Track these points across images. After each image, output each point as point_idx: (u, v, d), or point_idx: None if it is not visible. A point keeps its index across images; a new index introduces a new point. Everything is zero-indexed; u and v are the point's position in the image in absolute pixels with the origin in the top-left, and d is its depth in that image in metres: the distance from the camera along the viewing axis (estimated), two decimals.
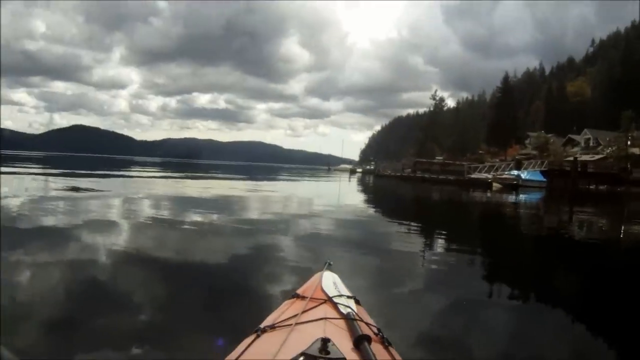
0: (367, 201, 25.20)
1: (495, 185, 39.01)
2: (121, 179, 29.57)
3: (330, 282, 2.68)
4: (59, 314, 4.52)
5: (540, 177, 42.49)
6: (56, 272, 6.06)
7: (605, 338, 4.71)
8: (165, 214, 12.90)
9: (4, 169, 33.39)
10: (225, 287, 5.81)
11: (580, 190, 40.90)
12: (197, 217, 12.31)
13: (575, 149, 58.45)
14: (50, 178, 27.48)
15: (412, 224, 13.79)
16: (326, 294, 2.45)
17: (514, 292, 6.36)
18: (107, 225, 10.04)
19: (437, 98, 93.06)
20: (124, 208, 13.74)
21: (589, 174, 45.74)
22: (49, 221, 10.23)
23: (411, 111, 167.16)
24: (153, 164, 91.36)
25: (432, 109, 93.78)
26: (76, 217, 11.04)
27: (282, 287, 5.50)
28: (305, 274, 3.54)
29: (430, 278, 6.86)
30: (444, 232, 12.41)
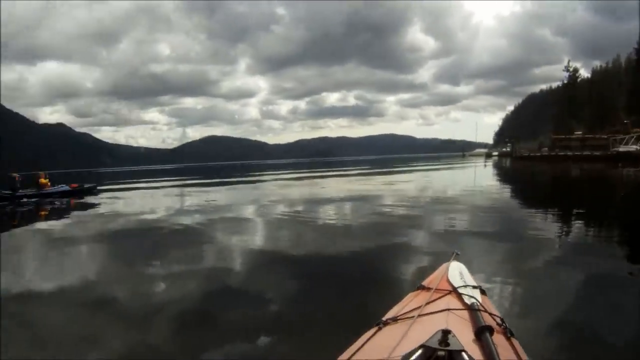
0: (503, 187, 23.79)
1: None
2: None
3: (457, 272, 2.68)
4: (194, 308, 5.03)
5: None
6: (195, 274, 6.59)
7: None
8: (297, 210, 13.50)
9: (139, 184, 36.99)
10: (354, 279, 5.94)
11: None
12: (329, 211, 12.80)
13: None
14: (186, 188, 29.73)
15: (551, 209, 12.98)
16: (451, 285, 2.48)
17: None
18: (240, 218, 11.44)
19: (571, 69, 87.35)
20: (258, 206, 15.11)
21: None
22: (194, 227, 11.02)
23: (544, 87, 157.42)
24: (285, 166, 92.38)
25: (566, 81, 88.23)
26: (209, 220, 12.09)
27: (409, 278, 5.55)
28: (433, 265, 3.60)
29: (564, 267, 6.45)
30: (587, 218, 11.41)
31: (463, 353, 1.49)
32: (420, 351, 1.51)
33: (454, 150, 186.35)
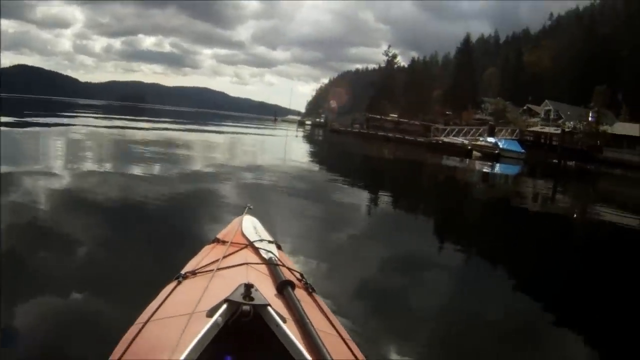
0: (317, 159, 23.13)
1: (475, 154, 34.04)
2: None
3: (251, 226, 2.58)
4: None
5: (519, 148, 37.64)
6: None
7: (538, 296, 4.85)
8: (105, 164, 12.12)
9: None
10: (147, 232, 5.77)
11: (556, 165, 36.97)
12: (133, 167, 11.76)
13: (535, 119, 54.89)
14: None
15: (366, 185, 12.87)
16: (247, 239, 2.38)
17: (458, 253, 6.37)
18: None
19: (390, 54, 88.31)
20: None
21: (555, 147, 42.10)
22: None
23: (360, 66, 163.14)
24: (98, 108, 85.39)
25: (384, 65, 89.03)
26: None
27: (204, 231, 5.35)
28: (228, 219, 3.23)
29: (367, 230, 7.11)
30: (404, 196, 11.96)
31: (268, 307, 1.48)
32: (225, 306, 1.46)
33: (266, 114, 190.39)
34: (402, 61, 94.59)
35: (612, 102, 48.74)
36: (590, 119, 45.24)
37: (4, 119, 27.34)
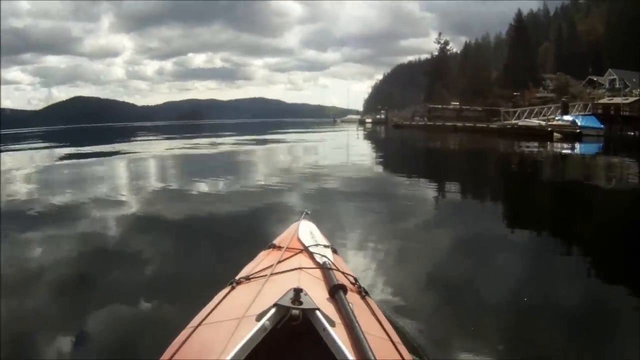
0: (385, 160, 20.76)
1: (556, 135, 33.13)
2: None
3: (307, 231, 2.59)
4: (68, 276, 4.77)
5: (598, 124, 36.89)
6: (63, 240, 6.27)
7: (617, 286, 4.38)
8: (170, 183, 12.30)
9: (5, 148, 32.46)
10: (207, 241, 5.95)
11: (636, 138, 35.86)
12: (196, 178, 12.37)
13: (600, 91, 53.51)
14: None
15: (448, 185, 12.03)
16: (302, 244, 2.38)
17: (525, 245, 5.95)
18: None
19: (442, 41, 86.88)
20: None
21: (629, 118, 40.81)
22: (58, 197, 10.10)
23: (412, 58, 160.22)
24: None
25: (437, 53, 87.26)
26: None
27: (262, 237, 4.56)
28: (286, 225, 3.23)
29: (429, 230, 6.71)
30: (499, 199, 10.66)
31: (317, 312, 1.48)
32: (273, 310, 1.48)
33: (324, 116, 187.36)
34: (454, 47, 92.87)
35: None
36: None
37: (67, 150, 29.83)
